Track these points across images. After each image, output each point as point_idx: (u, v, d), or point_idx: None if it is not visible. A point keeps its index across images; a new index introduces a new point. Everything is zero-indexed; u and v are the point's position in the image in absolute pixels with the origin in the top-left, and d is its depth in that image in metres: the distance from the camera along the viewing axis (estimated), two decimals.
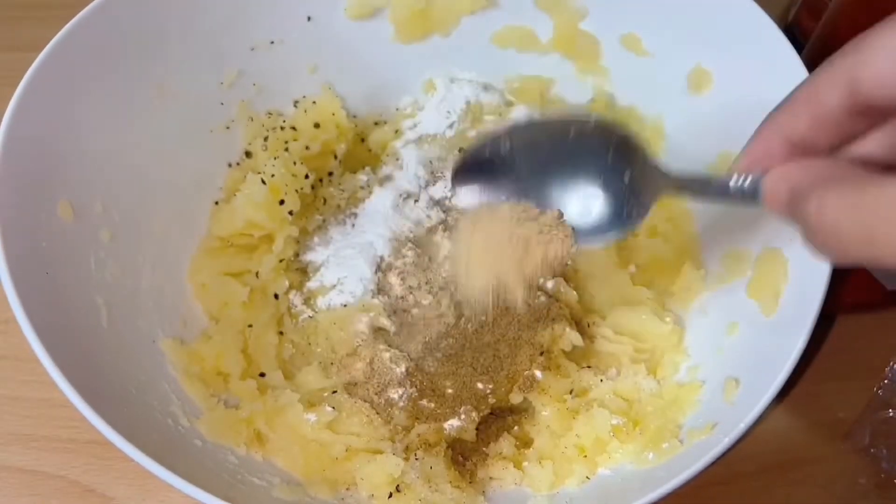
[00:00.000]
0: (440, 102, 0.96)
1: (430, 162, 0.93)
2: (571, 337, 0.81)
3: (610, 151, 0.66)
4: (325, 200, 0.92)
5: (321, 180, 0.93)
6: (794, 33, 0.98)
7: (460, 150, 0.94)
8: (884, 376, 0.87)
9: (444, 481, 0.75)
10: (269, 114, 0.94)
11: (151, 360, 0.76)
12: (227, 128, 0.91)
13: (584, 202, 0.68)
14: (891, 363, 0.86)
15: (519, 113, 0.94)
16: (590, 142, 0.67)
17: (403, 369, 0.81)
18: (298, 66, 0.94)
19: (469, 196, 0.72)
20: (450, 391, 0.80)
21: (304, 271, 0.89)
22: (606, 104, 0.96)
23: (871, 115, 0.47)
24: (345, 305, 0.84)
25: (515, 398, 0.81)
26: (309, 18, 0.92)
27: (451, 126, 0.95)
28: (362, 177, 0.93)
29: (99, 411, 0.62)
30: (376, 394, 0.81)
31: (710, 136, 0.88)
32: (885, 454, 0.84)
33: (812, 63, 0.66)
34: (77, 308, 0.71)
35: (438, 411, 0.79)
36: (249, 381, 0.80)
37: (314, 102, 0.94)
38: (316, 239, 0.90)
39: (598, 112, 0.94)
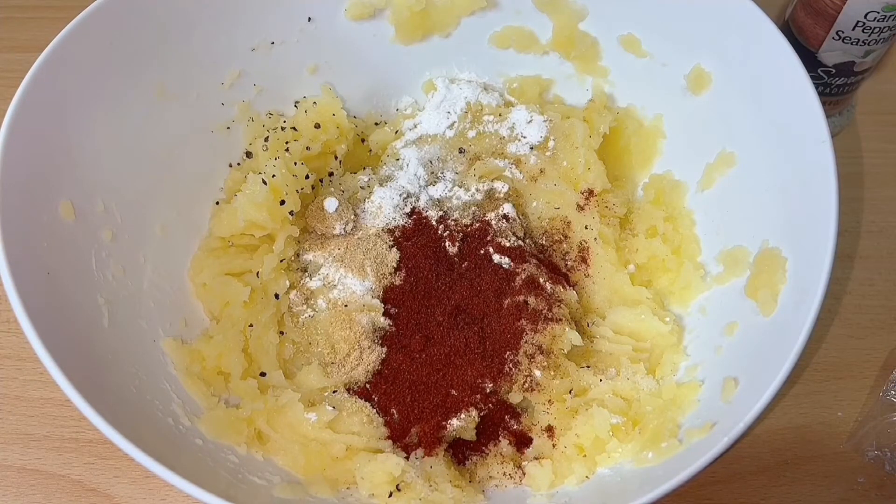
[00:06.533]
0: (440, 103, 0.96)
1: (430, 162, 0.93)
2: (571, 337, 0.81)
3: None
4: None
5: (322, 180, 0.93)
6: (792, 31, 0.99)
7: (461, 151, 0.94)
8: (889, 380, 0.87)
9: (444, 480, 0.75)
10: (270, 114, 0.94)
11: (152, 360, 0.76)
12: (228, 128, 0.91)
13: None
14: None
15: (519, 113, 0.94)
16: None
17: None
18: (299, 66, 0.94)
19: None
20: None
21: (304, 271, 0.89)
22: (606, 105, 0.96)
23: None
24: (345, 305, 0.84)
25: (515, 398, 0.81)
26: (310, 19, 0.92)
27: (451, 126, 0.95)
28: (363, 177, 0.93)
29: (100, 411, 0.62)
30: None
31: (709, 136, 0.88)
32: (889, 457, 0.84)
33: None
34: (78, 308, 0.72)
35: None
36: (250, 380, 0.80)
37: (315, 103, 0.94)
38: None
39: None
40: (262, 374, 0.82)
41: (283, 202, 0.85)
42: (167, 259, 0.84)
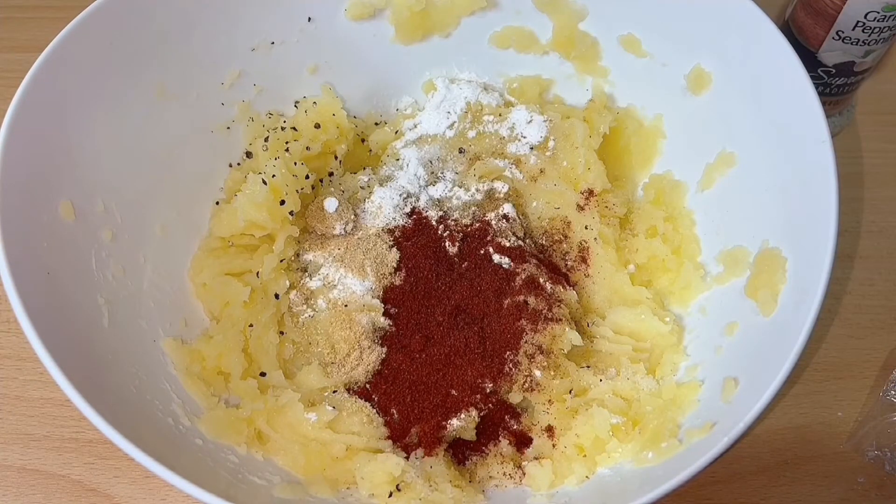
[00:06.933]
0: (440, 103, 0.96)
1: (430, 162, 0.93)
2: (571, 337, 0.81)
3: None
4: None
5: (322, 180, 0.93)
6: (792, 31, 0.99)
7: (461, 151, 0.94)
8: (889, 380, 0.87)
9: (444, 480, 0.75)
10: (270, 114, 0.94)
11: (152, 360, 0.76)
12: (228, 128, 0.91)
13: None
14: None
15: (519, 113, 0.94)
16: None
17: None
18: (299, 66, 0.94)
19: None
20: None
21: (304, 271, 0.89)
22: (606, 105, 0.96)
23: None
24: (345, 305, 0.84)
25: (515, 398, 0.81)
26: (309, 19, 0.92)
27: (451, 126, 0.95)
28: (363, 177, 0.93)
29: (100, 411, 0.62)
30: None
31: (709, 136, 0.88)
32: (889, 457, 0.84)
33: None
34: (78, 308, 0.72)
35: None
36: (250, 380, 0.80)
37: (315, 103, 0.94)
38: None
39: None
40: (262, 374, 0.82)
41: (283, 202, 0.85)
42: (167, 259, 0.84)
